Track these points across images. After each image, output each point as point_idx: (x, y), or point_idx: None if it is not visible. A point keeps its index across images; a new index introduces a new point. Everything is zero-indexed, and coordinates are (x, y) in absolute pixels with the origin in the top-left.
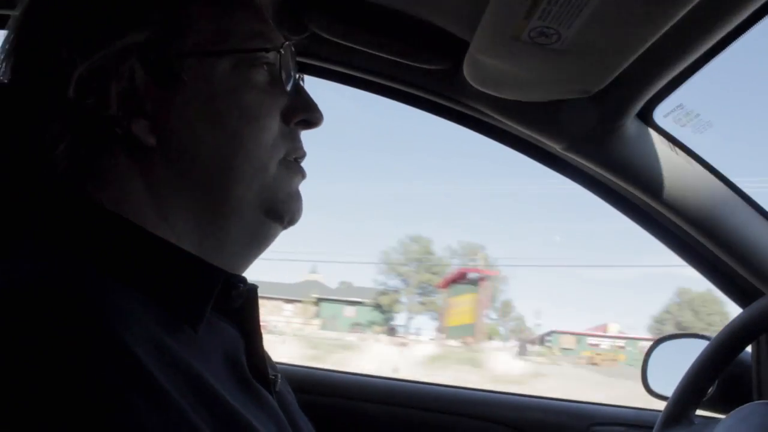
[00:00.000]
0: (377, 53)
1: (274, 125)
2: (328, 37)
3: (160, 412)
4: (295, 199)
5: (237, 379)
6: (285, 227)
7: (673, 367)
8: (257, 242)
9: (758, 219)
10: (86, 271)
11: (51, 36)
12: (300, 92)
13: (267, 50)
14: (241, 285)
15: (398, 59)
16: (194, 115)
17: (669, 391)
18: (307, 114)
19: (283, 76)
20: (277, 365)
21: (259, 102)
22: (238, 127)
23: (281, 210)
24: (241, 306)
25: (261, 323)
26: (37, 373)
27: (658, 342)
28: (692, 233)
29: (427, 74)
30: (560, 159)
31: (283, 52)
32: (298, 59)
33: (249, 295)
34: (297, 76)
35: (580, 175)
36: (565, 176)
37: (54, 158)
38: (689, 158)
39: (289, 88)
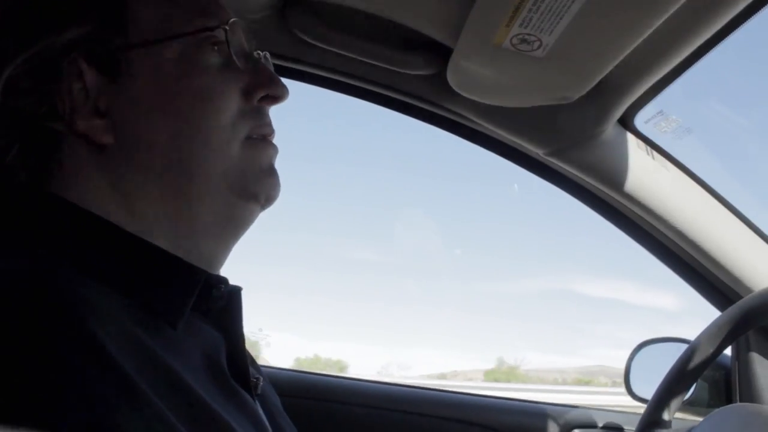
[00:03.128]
0: (362, 58)
1: (231, 105)
2: (313, 42)
3: (135, 410)
4: (267, 174)
5: (217, 381)
6: (263, 207)
7: (655, 370)
8: (233, 226)
9: (737, 224)
10: (60, 270)
11: None
12: (259, 68)
13: (212, 29)
14: (223, 286)
15: (383, 65)
16: (148, 107)
17: (650, 394)
18: (269, 89)
19: (233, 52)
20: (262, 368)
21: (211, 83)
22: (192, 113)
23: (254, 189)
24: (223, 307)
25: (243, 325)
26: (5, 369)
27: (640, 346)
28: (673, 238)
29: (411, 79)
30: (543, 164)
31: (229, 27)
32: (283, 64)
33: (231, 297)
34: (258, 53)
35: (563, 180)
36: (548, 181)
37: (9, 164)
38: (669, 164)
39: (242, 65)
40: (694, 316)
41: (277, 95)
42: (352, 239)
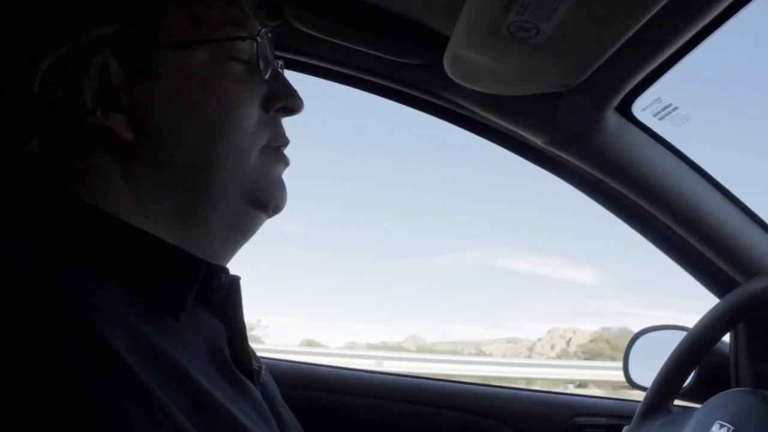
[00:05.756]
0: (358, 48)
1: (253, 114)
2: (308, 32)
3: (137, 402)
4: (279, 187)
5: (219, 370)
6: (270, 216)
7: (654, 358)
8: (241, 232)
9: (735, 211)
10: (61, 263)
11: (15, 27)
12: (279, 79)
13: (243, 39)
14: (223, 275)
15: (379, 54)
16: (172, 107)
17: (649, 382)
18: (287, 101)
19: (261, 64)
20: (261, 359)
21: (237, 91)
22: (217, 117)
23: (265, 199)
24: (223, 297)
25: (244, 314)
26: (9, 364)
27: (639, 334)
28: (671, 225)
29: (407, 69)
30: (542, 153)
31: (259, 40)
32: (278, 54)
33: (231, 286)
34: (276, 63)
35: (562, 169)
36: (546, 170)
37: (27, 153)
38: (667, 151)
39: (267, 76)
40: (612, 290)
41: (294, 108)
42: None
